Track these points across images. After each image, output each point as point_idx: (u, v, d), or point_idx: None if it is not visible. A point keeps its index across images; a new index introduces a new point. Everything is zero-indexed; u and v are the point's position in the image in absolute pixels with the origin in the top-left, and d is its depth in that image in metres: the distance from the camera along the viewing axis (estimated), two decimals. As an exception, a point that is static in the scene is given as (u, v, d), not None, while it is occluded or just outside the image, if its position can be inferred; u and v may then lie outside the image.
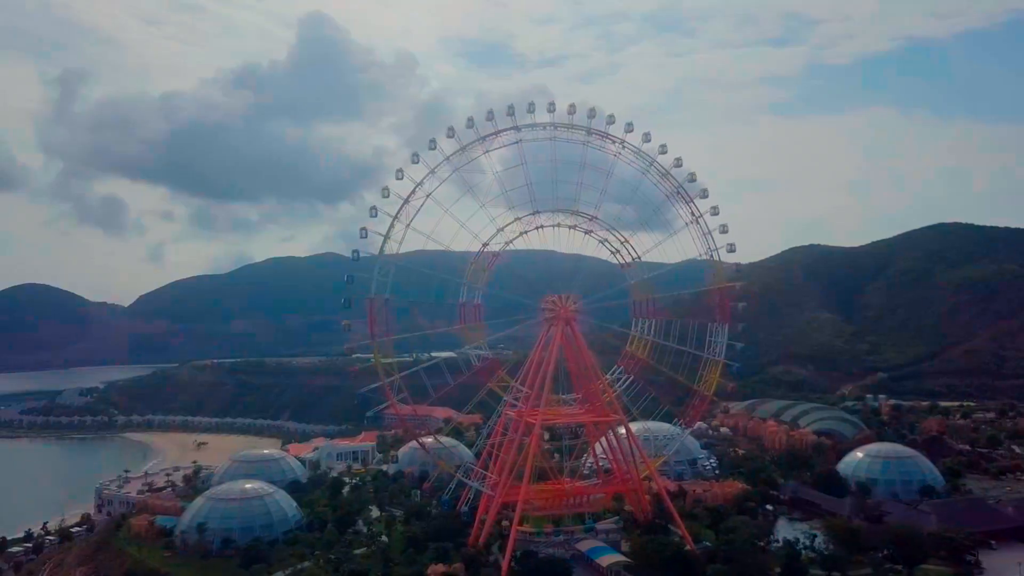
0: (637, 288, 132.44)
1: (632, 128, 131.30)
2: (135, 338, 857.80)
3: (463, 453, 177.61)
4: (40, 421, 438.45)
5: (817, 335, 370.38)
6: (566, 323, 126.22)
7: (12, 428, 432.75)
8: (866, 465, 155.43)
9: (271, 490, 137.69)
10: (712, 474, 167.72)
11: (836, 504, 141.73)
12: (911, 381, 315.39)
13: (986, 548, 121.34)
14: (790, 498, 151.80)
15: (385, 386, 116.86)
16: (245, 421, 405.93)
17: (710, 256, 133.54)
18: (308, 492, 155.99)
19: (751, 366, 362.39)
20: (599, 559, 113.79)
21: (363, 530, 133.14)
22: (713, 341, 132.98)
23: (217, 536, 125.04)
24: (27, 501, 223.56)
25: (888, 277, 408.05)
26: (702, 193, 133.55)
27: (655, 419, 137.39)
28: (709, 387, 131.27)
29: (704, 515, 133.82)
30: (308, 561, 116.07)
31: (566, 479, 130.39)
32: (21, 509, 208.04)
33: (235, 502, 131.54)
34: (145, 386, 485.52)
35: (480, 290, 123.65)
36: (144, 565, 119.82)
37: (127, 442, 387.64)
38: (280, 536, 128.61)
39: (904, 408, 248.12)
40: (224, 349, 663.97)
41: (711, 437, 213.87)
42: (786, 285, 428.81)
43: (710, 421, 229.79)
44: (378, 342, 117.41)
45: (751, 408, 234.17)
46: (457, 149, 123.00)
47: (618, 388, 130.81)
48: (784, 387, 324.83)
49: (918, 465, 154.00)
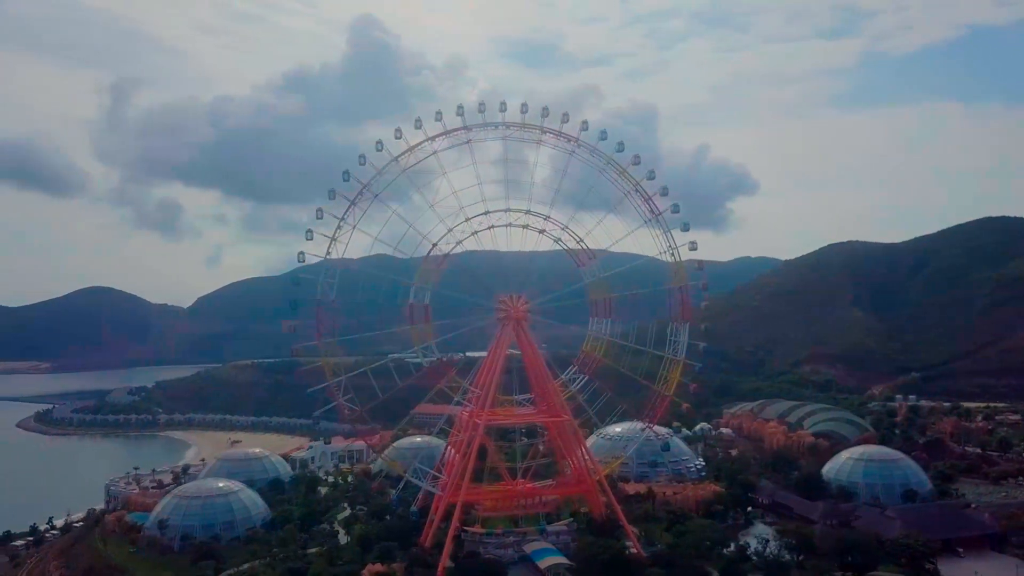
0: (593, 287, 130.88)
1: (587, 126, 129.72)
2: (192, 339, 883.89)
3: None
4: (89, 419, 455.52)
5: (849, 334, 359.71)
6: (516, 323, 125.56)
7: (64, 426, 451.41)
8: (848, 468, 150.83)
9: (237, 488, 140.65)
10: (696, 476, 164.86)
11: (808, 508, 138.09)
12: (944, 381, 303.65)
13: (952, 555, 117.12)
14: (769, 501, 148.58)
15: (332, 386, 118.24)
16: (280, 420, 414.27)
17: (671, 254, 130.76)
18: (286, 491, 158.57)
19: (779, 366, 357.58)
20: (540, 561, 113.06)
21: (327, 529, 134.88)
22: (674, 341, 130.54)
23: (177, 533, 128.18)
24: (48, 496, 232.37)
25: (926, 275, 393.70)
26: (662, 191, 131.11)
27: (612, 420, 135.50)
28: (669, 387, 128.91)
29: (666, 517, 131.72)
30: (259, 560, 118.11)
31: (520, 480, 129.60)
32: (39, 503, 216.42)
33: (198, 500, 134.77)
34: (188, 386, 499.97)
35: (429, 291, 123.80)
36: (106, 560, 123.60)
37: (167, 440, 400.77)
38: (242, 534, 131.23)
39: (924, 409, 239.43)
40: (273, 349, 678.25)
41: (711, 438, 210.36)
42: (821, 283, 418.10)
43: (713, 422, 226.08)
44: (324, 343, 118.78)
45: (759, 409, 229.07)
46: (405, 150, 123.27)
47: (572, 388, 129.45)
48: (811, 387, 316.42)
49: (903, 469, 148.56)
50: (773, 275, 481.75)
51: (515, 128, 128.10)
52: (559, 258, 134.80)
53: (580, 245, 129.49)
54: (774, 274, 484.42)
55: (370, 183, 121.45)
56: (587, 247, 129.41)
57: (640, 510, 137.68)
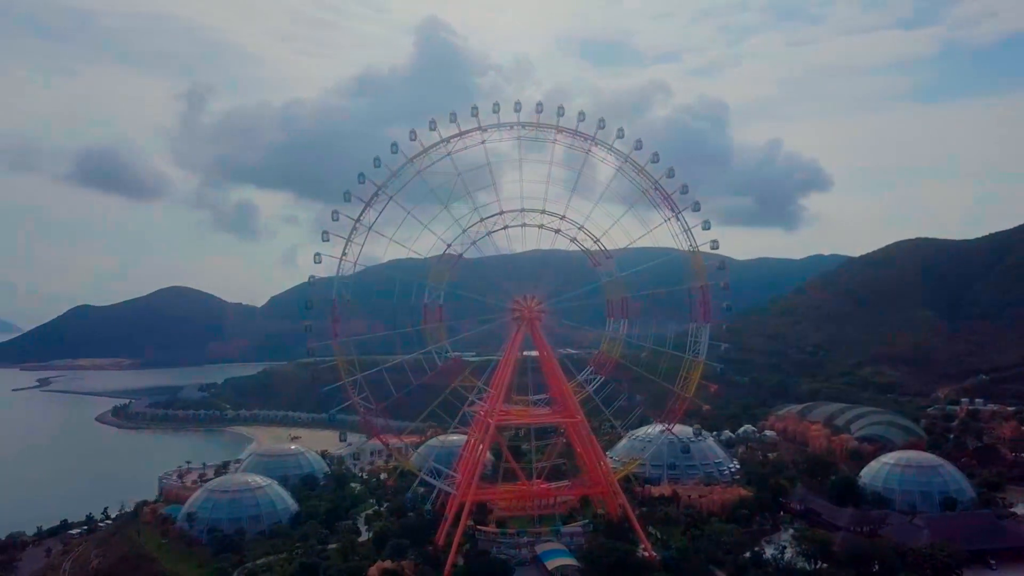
0: (610, 287, 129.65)
1: (604, 125, 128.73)
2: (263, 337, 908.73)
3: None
4: (161, 414, 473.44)
5: (915, 334, 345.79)
6: (529, 323, 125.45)
7: (138, 420, 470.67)
8: (884, 474, 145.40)
9: (265, 483, 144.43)
10: (729, 479, 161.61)
11: (836, 514, 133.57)
12: (1015, 384, 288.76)
13: (984, 567, 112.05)
14: (801, 507, 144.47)
15: (347, 385, 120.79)
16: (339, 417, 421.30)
17: (691, 253, 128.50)
18: (318, 487, 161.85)
19: (841, 367, 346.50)
20: (548, 561, 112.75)
21: (349, 525, 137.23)
22: (694, 341, 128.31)
23: (205, 525, 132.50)
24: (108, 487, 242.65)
25: (999, 272, 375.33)
26: (682, 189, 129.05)
27: (629, 421, 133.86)
28: (689, 389, 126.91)
29: (683, 521, 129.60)
30: (278, 554, 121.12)
31: (537, 480, 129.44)
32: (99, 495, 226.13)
33: (226, 494, 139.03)
34: (255, 383, 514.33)
35: (443, 291, 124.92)
36: (139, 550, 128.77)
37: (232, 435, 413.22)
38: (268, 528, 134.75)
39: (984, 414, 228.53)
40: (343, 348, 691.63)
41: (753, 440, 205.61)
42: (888, 281, 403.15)
43: (759, 423, 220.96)
44: (339, 342, 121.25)
45: (806, 411, 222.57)
46: (419, 152, 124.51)
47: (589, 389, 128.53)
48: (872, 389, 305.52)
49: (943, 476, 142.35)
50: (839, 273, 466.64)
51: (530, 128, 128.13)
52: (575, 258, 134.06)
53: (596, 245, 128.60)
54: (839, 272, 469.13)
55: (385, 185, 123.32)
56: (603, 247, 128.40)
57: (662, 513, 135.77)
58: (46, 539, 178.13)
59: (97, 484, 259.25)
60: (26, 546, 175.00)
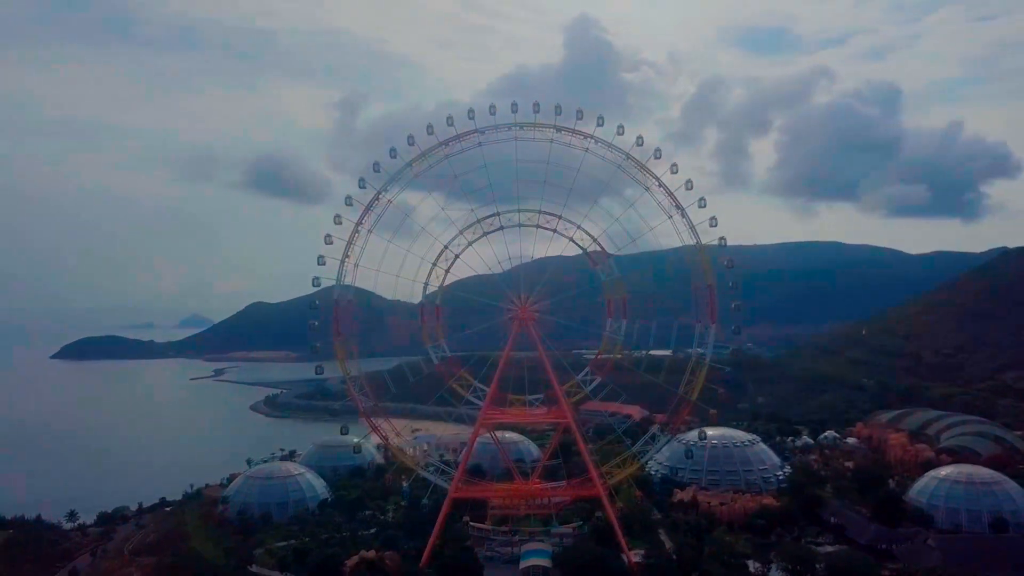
0: (609, 287, 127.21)
1: (603, 122, 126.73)
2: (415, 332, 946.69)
3: (528, 448, 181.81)
4: (304, 404, 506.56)
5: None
6: (523, 323, 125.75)
7: (284, 409, 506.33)
8: (931, 489, 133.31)
9: (298, 472, 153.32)
10: (776, 486, 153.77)
11: (861, 530, 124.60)
12: None
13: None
14: (834, 520, 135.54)
15: (348, 383, 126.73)
16: (462, 411, 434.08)
17: (696, 251, 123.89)
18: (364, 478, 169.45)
19: (980, 371, 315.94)
20: (523, 561, 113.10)
21: (369, 515, 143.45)
22: (700, 343, 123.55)
23: (236, 508, 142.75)
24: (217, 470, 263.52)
25: None
26: (686, 185, 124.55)
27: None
28: (693, 392, 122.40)
29: (684, 528, 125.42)
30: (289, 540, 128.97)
31: (534, 480, 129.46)
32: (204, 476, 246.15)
33: (260, 480, 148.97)
34: (390, 375, 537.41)
35: (440, 291, 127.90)
36: (180, 528, 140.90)
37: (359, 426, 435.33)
38: (293, 513, 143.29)
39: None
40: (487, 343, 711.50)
41: (831, 447, 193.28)
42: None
43: (841, 431, 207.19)
44: (340, 341, 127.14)
45: (899, 418, 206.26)
46: (418, 155, 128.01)
47: (586, 389, 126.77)
48: (1014, 396, 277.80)
49: (997, 494, 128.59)
50: (993, 266, 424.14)
51: (528, 128, 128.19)
52: (573, 258, 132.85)
53: (594, 244, 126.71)
54: (994, 265, 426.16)
55: (383, 188, 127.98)
56: (601, 246, 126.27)
57: (671, 519, 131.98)
58: (145, 514, 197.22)
59: (207, 467, 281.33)
60: (128, 519, 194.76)
